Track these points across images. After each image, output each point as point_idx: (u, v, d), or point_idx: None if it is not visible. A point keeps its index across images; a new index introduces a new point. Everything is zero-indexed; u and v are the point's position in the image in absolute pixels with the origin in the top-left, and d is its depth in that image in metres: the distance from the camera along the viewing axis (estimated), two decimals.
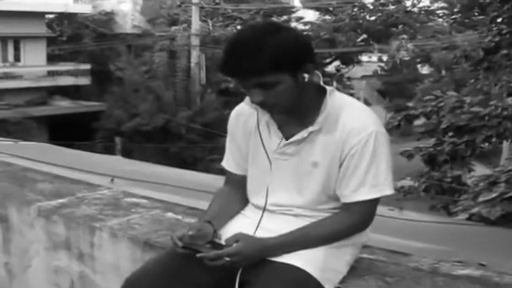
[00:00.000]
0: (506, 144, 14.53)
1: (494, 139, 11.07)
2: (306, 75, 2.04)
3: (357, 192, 2.08)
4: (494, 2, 12.53)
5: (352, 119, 2.08)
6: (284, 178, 2.18)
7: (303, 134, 2.12)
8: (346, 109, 2.11)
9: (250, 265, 2.05)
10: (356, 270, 2.28)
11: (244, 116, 2.27)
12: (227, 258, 2.01)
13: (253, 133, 2.23)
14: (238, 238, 2.06)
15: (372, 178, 2.07)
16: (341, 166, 2.10)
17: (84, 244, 2.95)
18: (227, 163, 2.37)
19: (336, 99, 2.13)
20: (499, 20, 12.36)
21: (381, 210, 2.25)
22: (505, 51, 11.96)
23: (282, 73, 1.98)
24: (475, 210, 7.44)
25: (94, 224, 2.93)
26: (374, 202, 2.12)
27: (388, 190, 2.10)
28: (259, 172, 2.24)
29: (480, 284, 2.28)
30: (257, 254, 2.06)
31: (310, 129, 2.10)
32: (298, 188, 2.17)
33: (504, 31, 11.92)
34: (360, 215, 2.13)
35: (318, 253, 2.09)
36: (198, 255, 2.01)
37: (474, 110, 10.59)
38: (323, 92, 2.14)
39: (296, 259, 2.05)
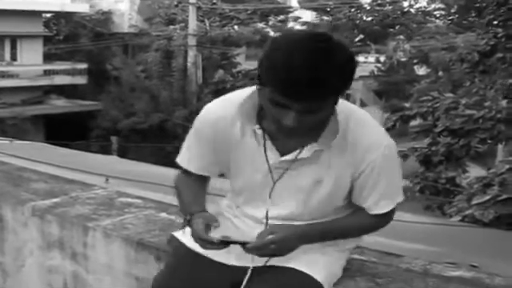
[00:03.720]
0: (500, 146, 14.56)
1: (488, 142, 11.11)
2: None
3: (377, 206, 2.06)
4: (490, 5, 12.55)
5: (364, 135, 1.98)
6: (285, 191, 2.07)
7: (307, 152, 1.97)
8: (354, 122, 1.98)
9: (291, 252, 2.00)
10: (347, 270, 2.29)
11: (225, 121, 2.05)
12: (273, 246, 1.93)
13: (238, 142, 2.05)
14: (273, 230, 1.97)
15: (390, 191, 2.06)
16: (353, 181, 2.03)
17: (77, 244, 2.95)
18: (190, 163, 2.18)
19: (341, 110, 1.94)
20: (495, 23, 12.38)
21: None
22: (500, 55, 11.99)
23: (333, 99, 1.84)
24: (468, 211, 7.49)
25: (88, 224, 2.93)
26: (393, 209, 2.12)
27: (401, 197, 2.10)
28: (255, 183, 2.09)
29: (472, 285, 2.29)
30: (299, 239, 2.01)
31: (316, 147, 1.96)
32: (299, 202, 2.07)
33: (499, 35, 11.95)
34: (383, 223, 2.14)
35: (321, 258, 2.08)
36: (248, 246, 1.93)
37: (468, 112, 10.61)
38: None
39: (301, 265, 2.03)
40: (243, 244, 1.95)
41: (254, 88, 1.97)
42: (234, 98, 2.07)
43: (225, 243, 1.96)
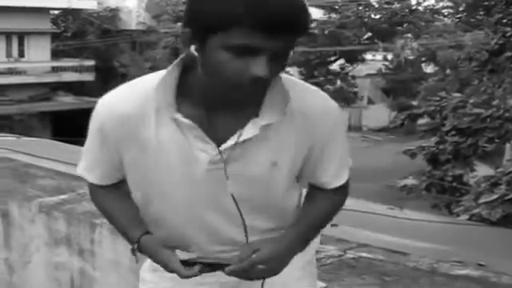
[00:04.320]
0: (508, 145, 14.54)
1: (496, 141, 11.10)
2: None
3: (337, 176, 1.76)
4: (498, 3, 12.51)
5: (311, 101, 1.65)
6: (241, 192, 1.62)
7: (252, 130, 1.55)
8: (294, 88, 1.60)
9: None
10: (354, 268, 2.29)
11: (131, 118, 1.60)
12: (261, 267, 1.62)
13: (154, 139, 1.59)
14: (255, 246, 1.64)
15: (345, 157, 1.78)
16: (308, 154, 1.68)
17: (84, 240, 2.96)
18: (93, 174, 1.75)
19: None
20: (504, 21, 12.34)
21: (380, 208, 2.24)
22: (509, 54, 11.94)
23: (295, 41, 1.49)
24: (476, 210, 7.48)
25: (95, 220, 2.93)
26: (348, 182, 1.83)
27: (350, 162, 1.81)
28: (195, 198, 1.63)
29: (478, 284, 2.29)
30: (287, 254, 1.69)
31: (261, 121, 1.55)
32: (263, 201, 1.68)
33: (508, 33, 11.90)
34: (342, 200, 1.83)
35: (306, 274, 1.86)
36: (231, 268, 1.59)
37: (476, 111, 10.59)
38: None
39: None
40: (226, 265, 1.60)
41: (165, 69, 1.58)
42: (139, 85, 1.65)
43: (207, 266, 1.62)
